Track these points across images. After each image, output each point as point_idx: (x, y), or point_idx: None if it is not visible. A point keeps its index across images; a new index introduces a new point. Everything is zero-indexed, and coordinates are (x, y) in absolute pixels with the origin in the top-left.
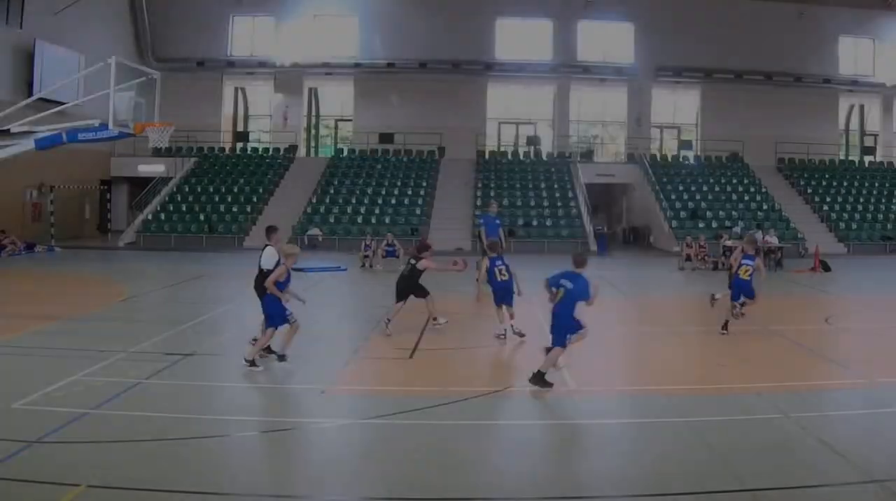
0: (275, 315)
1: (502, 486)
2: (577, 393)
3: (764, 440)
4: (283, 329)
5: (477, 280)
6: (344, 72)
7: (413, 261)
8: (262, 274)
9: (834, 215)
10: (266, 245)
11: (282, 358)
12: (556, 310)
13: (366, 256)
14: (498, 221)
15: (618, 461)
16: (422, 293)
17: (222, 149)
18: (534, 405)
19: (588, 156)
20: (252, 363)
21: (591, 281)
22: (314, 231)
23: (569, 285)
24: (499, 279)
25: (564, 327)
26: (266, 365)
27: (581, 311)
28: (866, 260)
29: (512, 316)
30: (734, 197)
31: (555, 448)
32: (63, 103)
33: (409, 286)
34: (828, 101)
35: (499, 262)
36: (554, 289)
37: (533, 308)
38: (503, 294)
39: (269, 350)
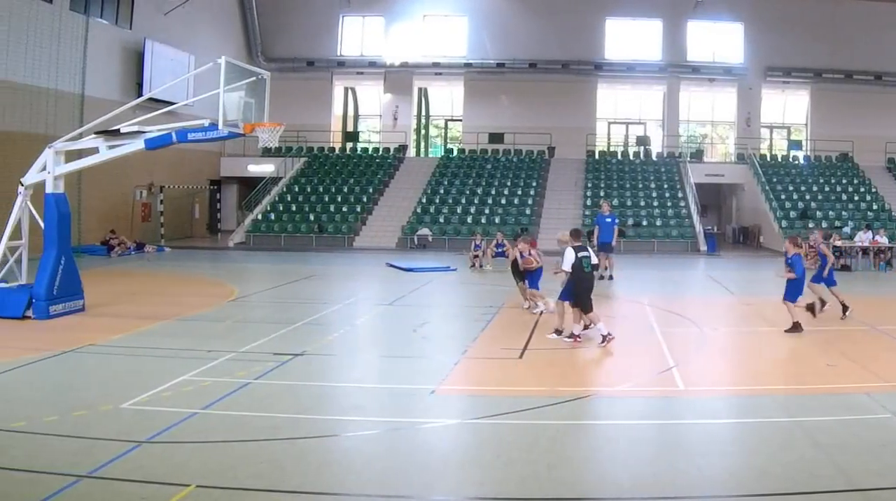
0: None
1: (611, 486)
2: (686, 393)
3: (874, 439)
4: None
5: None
6: (454, 72)
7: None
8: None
9: None
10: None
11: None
12: None
13: (475, 256)
14: (609, 219)
15: (726, 461)
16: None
17: (332, 149)
18: (642, 405)
19: (698, 155)
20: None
21: None
22: (424, 231)
23: None
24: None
25: None
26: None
27: None
28: None
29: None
30: (844, 197)
31: (663, 448)
32: (172, 103)
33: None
34: None
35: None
36: None
37: (643, 308)
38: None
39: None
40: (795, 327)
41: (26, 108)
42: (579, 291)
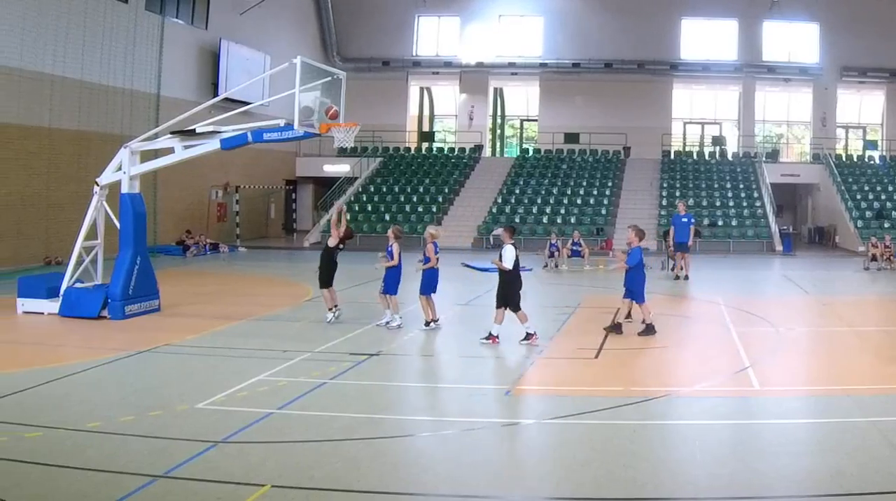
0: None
1: (687, 486)
2: (761, 393)
3: None
4: None
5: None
6: (529, 72)
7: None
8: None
9: None
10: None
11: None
12: None
13: (550, 255)
14: (685, 219)
15: (802, 461)
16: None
17: (407, 149)
18: (718, 405)
19: (773, 155)
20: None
21: None
22: (499, 231)
23: None
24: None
25: None
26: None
27: None
28: None
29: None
30: None
31: (739, 448)
32: (248, 103)
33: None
34: None
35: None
36: None
37: (719, 308)
38: None
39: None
40: (648, 329)
41: (102, 108)
42: (517, 289)
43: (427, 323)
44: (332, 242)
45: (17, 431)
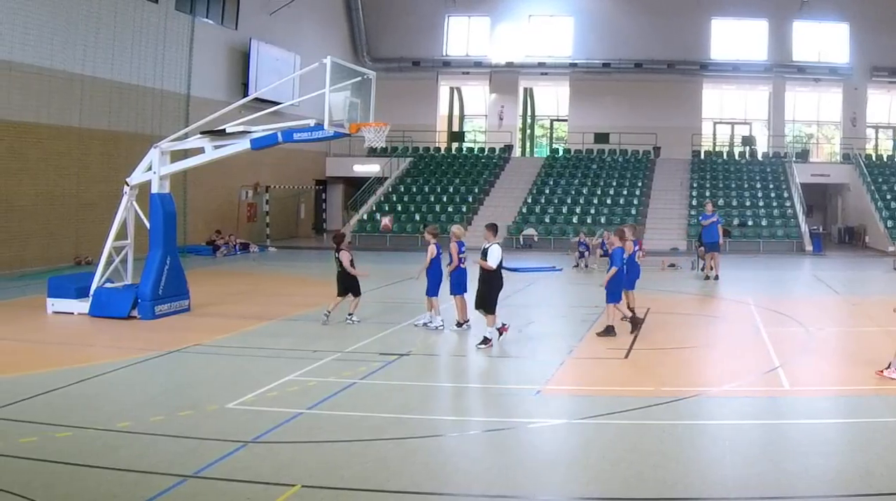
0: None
1: (716, 486)
2: (791, 393)
3: None
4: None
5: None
6: (559, 72)
7: (336, 255)
8: None
9: None
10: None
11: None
12: None
13: (580, 255)
14: (713, 218)
15: (831, 461)
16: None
17: (437, 149)
18: (748, 405)
19: (803, 156)
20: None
21: None
22: (529, 231)
23: None
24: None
25: None
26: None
27: None
28: None
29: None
30: None
31: (769, 447)
32: (278, 103)
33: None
34: None
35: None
36: None
37: (749, 308)
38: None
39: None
40: (608, 331)
41: (132, 109)
42: (497, 289)
43: (459, 324)
44: None
45: (48, 431)
